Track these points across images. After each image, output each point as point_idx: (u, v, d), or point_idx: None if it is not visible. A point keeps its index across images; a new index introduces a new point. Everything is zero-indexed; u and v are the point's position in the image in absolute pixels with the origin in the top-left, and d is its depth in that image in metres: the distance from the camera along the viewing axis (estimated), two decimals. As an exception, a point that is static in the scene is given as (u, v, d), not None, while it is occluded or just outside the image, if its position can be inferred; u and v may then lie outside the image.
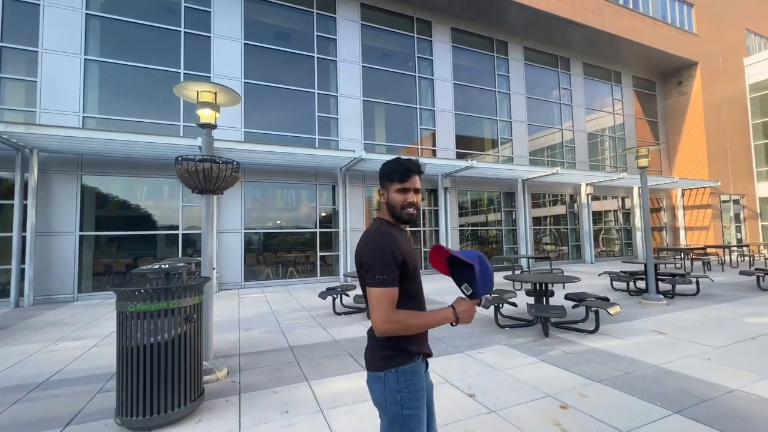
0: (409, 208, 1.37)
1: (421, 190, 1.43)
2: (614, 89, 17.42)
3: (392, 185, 1.39)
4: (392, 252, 1.28)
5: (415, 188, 1.39)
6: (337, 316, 6.05)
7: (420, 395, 1.33)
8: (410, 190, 1.38)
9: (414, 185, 1.39)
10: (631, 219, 16.84)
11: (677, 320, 5.27)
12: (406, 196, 1.37)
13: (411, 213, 1.38)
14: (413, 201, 1.38)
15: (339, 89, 11.57)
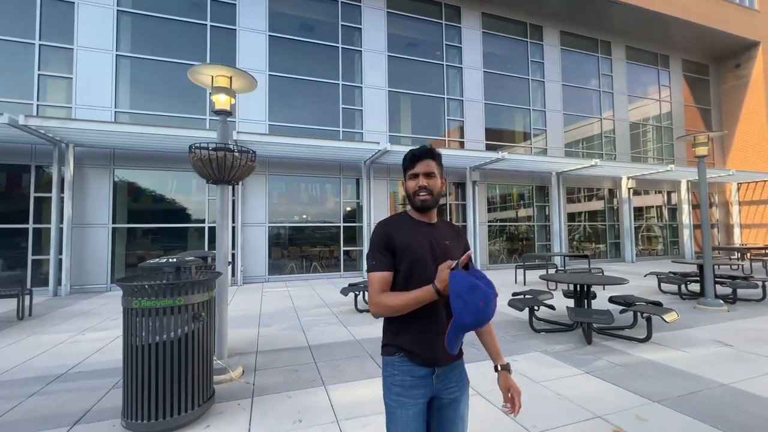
0: (421, 194, 1.33)
1: (436, 174, 1.36)
2: (661, 74, 16.04)
3: (406, 174, 1.39)
4: (381, 238, 1.31)
5: (426, 172, 1.34)
6: (358, 314, 5.81)
7: (396, 391, 1.28)
8: (419, 175, 1.34)
9: (423, 169, 1.34)
10: (677, 215, 15.54)
11: (744, 329, 4.62)
12: (416, 182, 1.34)
13: (423, 198, 1.33)
14: (424, 185, 1.33)
15: (364, 80, 11.28)
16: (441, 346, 1.24)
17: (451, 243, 1.36)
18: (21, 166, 8.27)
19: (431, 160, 1.35)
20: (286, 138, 8.84)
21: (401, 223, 1.36)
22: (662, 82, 16.07)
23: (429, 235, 1.34)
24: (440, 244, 1.34)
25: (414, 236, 1.32)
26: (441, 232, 1.37)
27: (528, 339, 4.35)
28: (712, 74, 17.28)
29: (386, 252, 1.29)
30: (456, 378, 1.33)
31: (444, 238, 1.36)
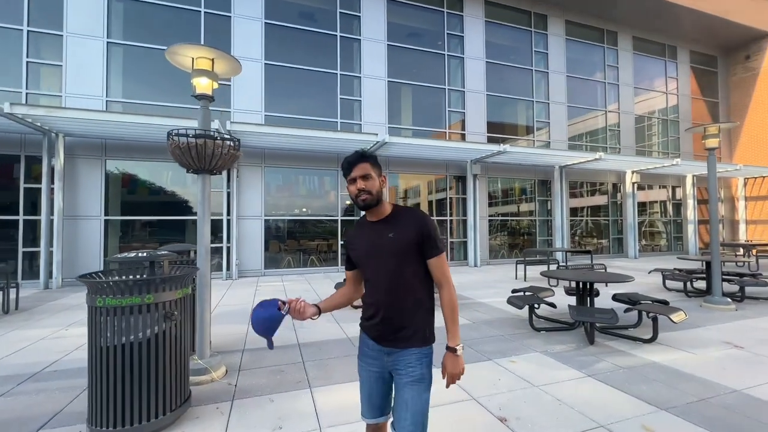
0: (361, 195, 1.44)
1: (372, 175, 1.45)
2: (668, 66, 15.65)
3: (347, 181, 1.49)
4: (345, 244, 1.64)
5: (362, 175, 1.44)
6: (353, 310, 5.63)
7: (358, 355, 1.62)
8: (357, 179, 1.44)
9: (359, 173, 1.44)
10: (682, 210, 15.27)
11: (754, 330, 4.42)
12: (355, 186, 1.45)
13: (363, 198, 1.44)
14: (362, 187, 1.43)
15: (363, 70, 10.99)
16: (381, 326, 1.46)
17: (395, 234, 1.43)
18: (10, 156, 8.08)
19: (365, 162, 1.45)
20: (282, 129, 8.60)
21: (357, 228, 1.57)
22: (669, 74, 15.69)
23: (369, 236, 1.49)
24: (377, 241, 1.45)
25: (358, 240, 1.53)
26: (387, 226, 1.46)
27: (527, 338, 4.16)
28: (720, 66, 16.86)
29: (347, 255, 1.62)
30: (405, 364, 1.42)
31: (388, 232, 1.44)
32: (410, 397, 1.38)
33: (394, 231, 1.43)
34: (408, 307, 1.43)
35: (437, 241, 1.44)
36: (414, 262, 1.43)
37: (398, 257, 1.41)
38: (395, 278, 1.43)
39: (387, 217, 1.48)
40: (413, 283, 1.44)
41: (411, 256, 1.42)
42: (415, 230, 1.43)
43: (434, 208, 12.20)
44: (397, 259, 1.41)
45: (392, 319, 1.43)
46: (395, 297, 1.43)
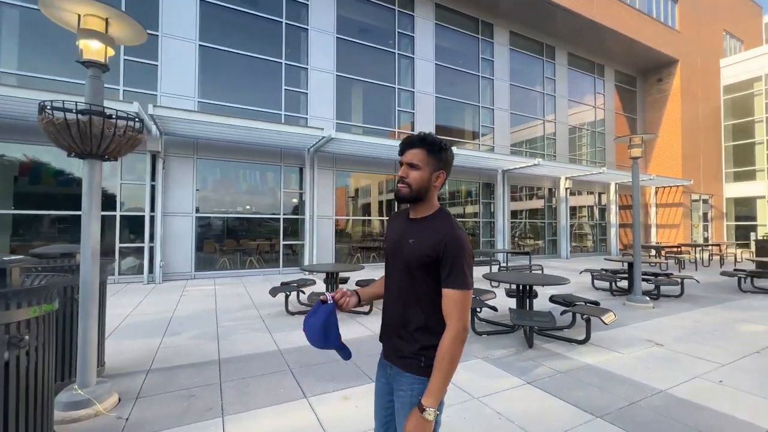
0: (399, 184, 1.28)
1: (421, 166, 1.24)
2: (597, 82, 17.10)
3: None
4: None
5: (410, 162, 1.25)
6: (290, 317, 5.19)
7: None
8: (404, 164, 1.28)
9: (408, 159, 1.26)
10: (606, 215, 16.76)
11: (669, 327, 4.76)
12: (400, 171, 1.29)
13: (399, 187, 1.28)
14: (402, 175, 1.27)
15: (310, 61, 10.46)
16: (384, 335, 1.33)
17: (416, 242, 1.23)
18: None
19: (420, 149, 1.25)
20: (217, 117, 7.79)
21: (397, 217, 1.41)
22: (598, 90, 17.14)
23: (401, 231, 1.32)
24: (403, 241, 1.27)
25: (390, 231, 1.38)
26: (418, 229, 1.26)
27: (469, 343, 4.04)
28: (639, 86, 18.83)
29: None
30: (399, 385, 1.25)
31: (413, 236, 1.25)
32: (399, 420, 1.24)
33: (416, 237, 1.24)
34: (411, 326, 1.23)
35: (455, 270, 1.15)
36: (428, 280, 1.20)
37: (411, 268, 1.22)
38: (404, 290, 1.25)
39: (424, 219, 1.28)
40: (422, 303, 1.22)
41: (425, 273, 1.20)
42: (434, 245, 1.18)
43: (384, 208, 12.02)
44: (409, 269, 1.23)
45: (392, 332, 1.29)
46: (401, 310, 1.26)
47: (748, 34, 22.44)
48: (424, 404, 1.12)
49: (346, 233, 11.46)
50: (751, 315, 5.42)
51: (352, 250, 11.34)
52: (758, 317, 5.29)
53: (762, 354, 3.78)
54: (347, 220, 11.43)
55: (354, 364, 3.40)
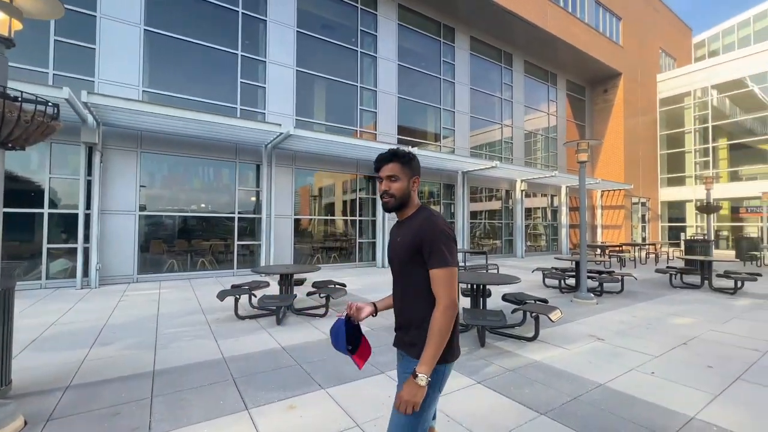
0: (384, 197, 1.43)
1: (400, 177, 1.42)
2: (550, 91, 18.04)
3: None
4: None
5: (389, 175, 1.41)
6: (239, 321, 4.91)
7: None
8: (383, 179, 1.43)
9: (386, 173, 1.42)
10: (558, 216, 17.71)
11: (610, 322, 5.05)
12: (380, 186, 1.44)
13: (385, 200, 1.43)
14: (385, 189, 1.42)
15: (268, 54, 10.07)
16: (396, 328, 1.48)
17: (402, 238, 1.41)
18: None
19: (394, 163, 1.41)
20: (163, 108, 7.25)
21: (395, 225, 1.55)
22: (551, 97, 18.09)
23: (394, 235, 1.50)
24: (394, 241, 1.47)
25: (390, 239, 1.53)
26: (403, 229, 1.44)
27: (424, 344, 4.03)
28: (588, 96, 20.12)
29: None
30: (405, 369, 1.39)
31: (400, 235, 1.44)
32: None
33: (402, 235, 1.43)
34: (412, 316, 1.40)
35: (435, 252, 1.31)
36: (418, 270, 1.36)
37: (404, 262, 1.40)
38: (403, 283, 1.43)
39: (406, 219, 1.46)
40: (419, 292, 1.38)
41: (415, 263, 1.36)
42: (415, 235, 1.37)
43: (348, 208, 11.86)
44: (403, 264, 1.40)
45: (400, 323, 1.46)
46: (404, 302, 1.44)
47: (680, 52, 24.76)
48: (417, 371, 1.26)
49: (308, 233, 11.17)
50: (680, 309, 5.90)
51: (313, 251, 11.08)
52: (686, 311, 5.77)
53: (688, 345, 4.10)
54: (308, 219, 11.14)
55: (302, 369, 3.25)
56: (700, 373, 3.31)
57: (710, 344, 4.13)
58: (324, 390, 2.87)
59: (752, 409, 2.66)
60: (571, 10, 16.51)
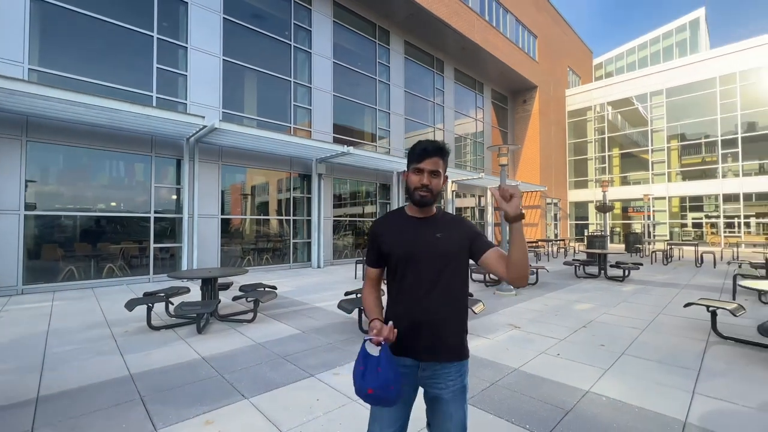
0: (421, 190, 1.35)
1: (440, 173, 1.36)
2: (477, 98, 19.33)
3: (410, 166, 1.39)
4: (370, 237, 1.46)
5: (432, 170, 1.34)
6: (153, 333, 4.42)
7: None
8: (424, 172, 1.34)
9: (430, 167, 1.34)
10: (485, 215, 19.06)
11: (526, 311, 5.57)
12: (420, 177, 1.35)
13: (423, 195, 1.35)
14: (426, 183, 1.34)
15: (190, 39, 9.24)
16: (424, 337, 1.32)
17: (444, 235, 1.36)
18: None
19: (440, 157, 1.35)
20: (55, 91, 6.21)
21: (393, 220, 1.43)
22: (478, 104, 19.40)
23: (418, 231, 1.37)
24: (430, 238, 1.35)
25: (402, 234, 1.37)
26: (433, 226, 1.38)
27: (355, 344, 4.03)
28: (510, 105, 21.97)
29: (373, 249, 1.42)
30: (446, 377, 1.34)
31: (436, 231, 1.36)
32: (455, 409, 1.33)
33: (441, 231, 1.37)
34: (452, 315, 1.35)
35: (484, 238, 1.38)
36: (462, 266, 1.38)
37: (448, 259, 1.34)
38: (441, 283, 1.33)
39: (436, 215, 1.42)
40: (460, 289, 1.37)
41: (459, 260, 1.36)
42: (461, 231, 1.38)
43: (282, 207, 11.39)
44: (446, 260, 1.34)
45: (430, 329, 1.32)
46: (443, 303, 1.34)
47: (583, 71, 28.28)
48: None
49: (238, 233, 10.51)
50: (582, 296, 6.74)
51: (244, 252, 10.45)
52: (586, 297, 6.60)
53: (588, 327, 4.69)
54: (238, 219, 10.48)
55: (224, 379, 3.04)
56: (595, 351, 3.80)
57: (604, 326, 4.77)
58: (247, 400, 2.71)
59: (632, 378, 3.13)
60: (495, 24, 17.87)
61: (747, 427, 2.37)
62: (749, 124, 18.70)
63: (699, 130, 20.26)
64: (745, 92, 18.58)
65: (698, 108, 20.02)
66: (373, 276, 1.46)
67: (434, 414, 1.38)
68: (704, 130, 20.01)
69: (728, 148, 19.06)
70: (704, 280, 8.75)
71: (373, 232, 1.44)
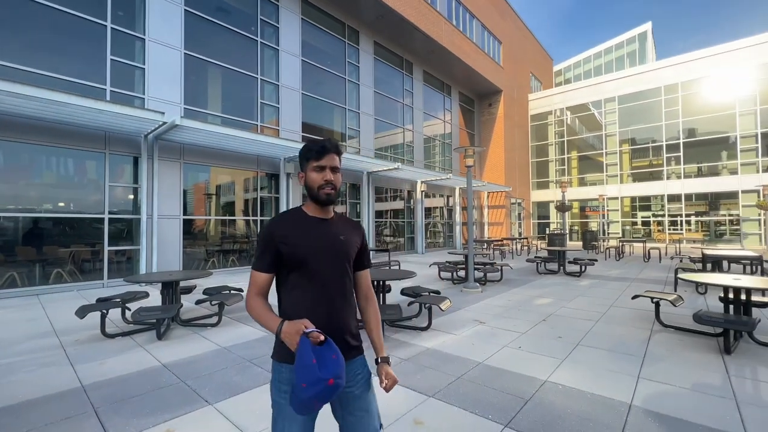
0: (326, 188, 1.32)
1: (339, 170, 1.37)
2: (446, 100, 19.76)
3: (309, 164, 1.34)
4: (264, 238, 1.30)
5: (333, 167, 1.34)
6: (108, 341, 4.17)
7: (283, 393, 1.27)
8: (327, 168, 1.33)
9: (330, 163, 1.33)
10: (453, 215, 19.51)
11: (491, 307, 5.78)
12: (323, 175, 1.33)
13: (329, 192, 1.33)
14: (330, 179, 1.33)
15: (149, 31, 8.78)
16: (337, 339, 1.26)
17: (346, 237, 1.38)
18: None
19: (337, 155, 1.36)
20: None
21: (292, 221, 1.35)
22: (446, 107, 19.83)
23: (323, 232, 1.34)
24: (335, 240, 1.35)
25: (305, 235, 1.32)
26: (337, 227, 1.38)
27: (325, 344, 4.02)
28: (476, 108, 22.63)
29: (268, 252, 1.30)
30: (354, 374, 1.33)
31: (340, 233, 1.37)
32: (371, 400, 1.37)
33: (344, 234, 1.39)
34: (352, 314, 1.39)
35: (368, 253, 1.49)
36: (350, 269, 1.40)
37: (347, 261, 1.37)
38: (342, 285, 1.35)
39: (334, 217, 1.41)
40: (351, 290, 1.41)
41: (351, 263, 1.40)
42: (359, 237, 1.45)
43: (249, 207, 11.07)
44: (347, 263, 1.37)
45: (345, 327, 1.34)
46: (346, 303, 1.37)
47: (545, 77, 29.65)
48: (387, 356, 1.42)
49: (202, 235, 10.11)
50: (543, 291, 7.09)
51: (208, 254, 10.07)
52: (547, 292, 6.95)
53: (547, 321, 4.95)
54: (202, 219, 10.07)
55: (186, 386, 2.94)
56: (553, 343, 4.03)
57: (561, 318, 5.05)
58: (211, 405, 2.64)
59: (585, 367, 3.35)
60: (462, 29, 18.34)
61: (682, 406, 2.62)
62: (690, 130, 20.43)
63: (647, 135, 21.86)
64: (686, 101, 20.27)
65: (646, 114, 21.61)
66: (263, 283, 1.30)
67: (349, 413, 1.32)
68: (651, 135, 21.62)
69: (672, 153, 20.71)
70: (651, 273, 9.47)
71: (269, 233, 1.29)
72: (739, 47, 18.89)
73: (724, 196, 19.64)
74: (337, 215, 1.42)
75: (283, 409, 1.24)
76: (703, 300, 6.21)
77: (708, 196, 20.16)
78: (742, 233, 18.79)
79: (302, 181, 1.37)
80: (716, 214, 20.05)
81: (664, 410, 2.55)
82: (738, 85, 18.84)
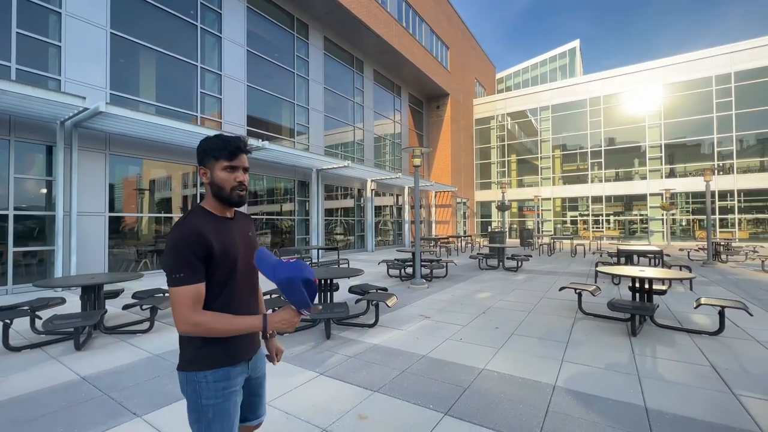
0: (239, 189, 1.29)
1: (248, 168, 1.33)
2: (396, 101, 20.06)
3: (218, 163, 1.26)
4: (195, 243, 1.15)
5: (245, 167, 1.31)
6: (12, 354, 3.66)
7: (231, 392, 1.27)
8: (239, 169, 1.28)
9: (243, 164, 1.29)
10: (402, 213, 19.91)
11: (436, 302, 6.01)
12: (235, 176, 1.27)
13: (241, 194, 1.30)
14: (243, 180, 1.29)
15: (65, 3, 7.79)
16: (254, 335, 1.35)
17: (252, 233, 1.40)
18: None
19: (247, 155, 1.33)
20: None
21: (210, 223, 1.24)
22: (396, 107, 20.14)
23: (237, 231, 1.32)
24: (246, 237, 1.35)
25: (225, 237, 1.25)
26: (240, 224, 1.36)
27: (269, 345, 3.90)
28: (425, 109, 23.28)
29: (200, 259, 1.16)
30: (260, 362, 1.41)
31: (247, 230, 1.38)
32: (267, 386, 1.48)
33: (249, 230, 1.40)
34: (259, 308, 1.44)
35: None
36: None
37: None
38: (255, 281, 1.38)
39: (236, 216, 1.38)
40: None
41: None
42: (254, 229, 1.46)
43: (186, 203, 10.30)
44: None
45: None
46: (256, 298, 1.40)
47: (488, 84, 31.34)
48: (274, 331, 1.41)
49: (132, 234, 9.23)
50: (484, 286, 7.53)
51: (140, 255, 9.21)
52: (487, 287, 7.40)
53: (486, 314, 5.27)
54: (132, 217, 9.19)
55: (110, 399, 2.68)
56: (491, 334, 4.31)
57: (499, 311, 5.42)
58: (140, 417, 2.44)
59: (518, 354, 3.64)
60: (412, 31, 18.74)
61: (596, 384, 2.95)
62: (610, 138, 22.92)
63: (575, 142, 24.12)
64: (607, 113, 22.70)
65: (574, 123, 23.84)
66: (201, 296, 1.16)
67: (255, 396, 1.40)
68: (579, 142, 23.90)
69: (595, 159, 23.09)
70: (577, 267, 10.50)
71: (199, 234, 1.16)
72: (649, 68, 21.58)
73: (636, 198, 22.34)
74: (238, 213, 1.40)
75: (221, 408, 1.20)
76: (617, 290, 7.03)
77: (624, 198, 22.80)
78: (650, 231, 21.57)
79: (205, 178, 1.27)
80: (630, 214, 22.76)
81: (582, 389, 2.86)
82: (647, 101, 21.54)
